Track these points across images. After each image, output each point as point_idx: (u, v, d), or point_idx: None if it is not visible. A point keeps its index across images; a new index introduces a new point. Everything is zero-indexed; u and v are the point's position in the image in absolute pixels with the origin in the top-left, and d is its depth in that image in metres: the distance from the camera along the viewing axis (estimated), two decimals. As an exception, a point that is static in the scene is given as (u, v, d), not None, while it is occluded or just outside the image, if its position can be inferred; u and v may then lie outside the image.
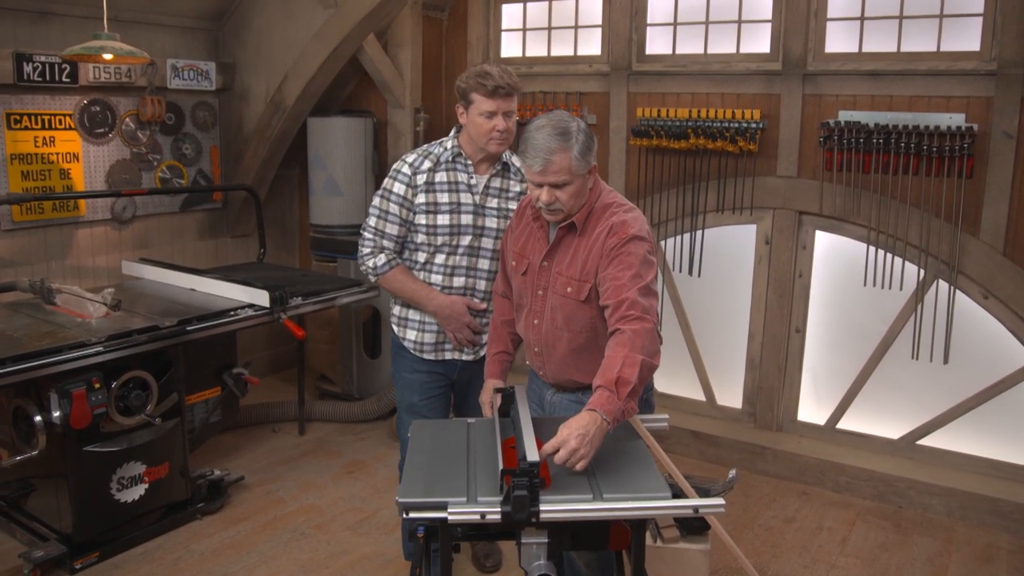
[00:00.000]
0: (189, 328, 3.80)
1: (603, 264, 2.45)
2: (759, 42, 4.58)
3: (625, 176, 4.99)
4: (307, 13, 5.06)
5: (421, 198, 2.98)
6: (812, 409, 4.71)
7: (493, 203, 3.03)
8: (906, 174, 4.16)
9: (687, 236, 4.83)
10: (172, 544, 3.77)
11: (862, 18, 4.29)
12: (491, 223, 3.03)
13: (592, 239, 2.49)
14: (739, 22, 4.63)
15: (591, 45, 5.14)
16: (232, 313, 4.01)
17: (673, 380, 5.09)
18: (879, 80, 4.20)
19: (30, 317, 3.86)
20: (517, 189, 3.07)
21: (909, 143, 4.09)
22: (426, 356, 3.14)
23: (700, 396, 5.02)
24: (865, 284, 4.38)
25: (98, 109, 4.85)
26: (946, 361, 4.22)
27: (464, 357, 3.16)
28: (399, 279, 3.05)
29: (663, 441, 4.49)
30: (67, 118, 4.71)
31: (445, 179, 2.99)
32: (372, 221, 3.05)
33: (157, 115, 5.03)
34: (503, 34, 5.46)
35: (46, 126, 4.62)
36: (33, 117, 4.56)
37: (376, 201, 3.05)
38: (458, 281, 3.05)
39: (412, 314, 3.12)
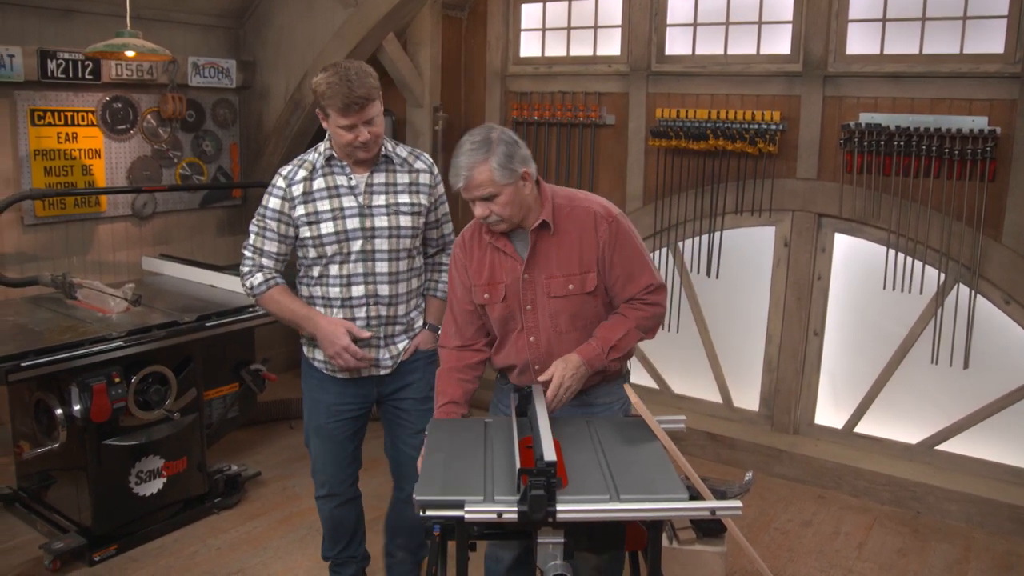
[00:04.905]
0: (208, 324, 3.83)
1: (606, 252, 2.50)
2: (779, 43, 4.56)
3: (643, 177, 4.98)
4: (327, 12, 5.09)
5: (300, 210, 2.77)
6: (830, 412, 4.69)
7: (380, 200, 2.82)
8: (927, 177, 4.13)
9: (705, 237, 4.82)
10: (189, 538, 3.80)
11: (884, 20, 4.26)
12: (381, 222, 2.80)
13: (576, 230, 2.50)
14: (759, 23, 4.61)
15: (610, 45, 5.13)
16: (250, 309, 4.03)
17: (690, 382, 5.08)
18: (900, 82, 4.17)
19: (52, 311, 3.90)
20: (405, 180, 2.86)
21: (931, 146, 4.06)
22: (340, 376, 2.92)
23: (717, 398, 5.00)
24: (884, 287, 4.35)
25: (120, 106, 4.89)
26: (966, 366, 4.19)
27: (382, 372, 2.93)
28: (276, 299, 2.86)
29: (679, 442, 4.48)
30: (89, 115, 4.75)
31: (323, 185, 2.78)
32: (251, 238, 2.85)
33: (178, 112, 5.07)
34: (522, 34, 5.47)
35: (69, 122, 4.67)
36: (56, 113, 4.60)
37: (255, 219, 2.85)
38: (357, 290, 2.83)
39: None
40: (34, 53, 4.36)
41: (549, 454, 2.00)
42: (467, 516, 1.96)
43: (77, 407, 3.37)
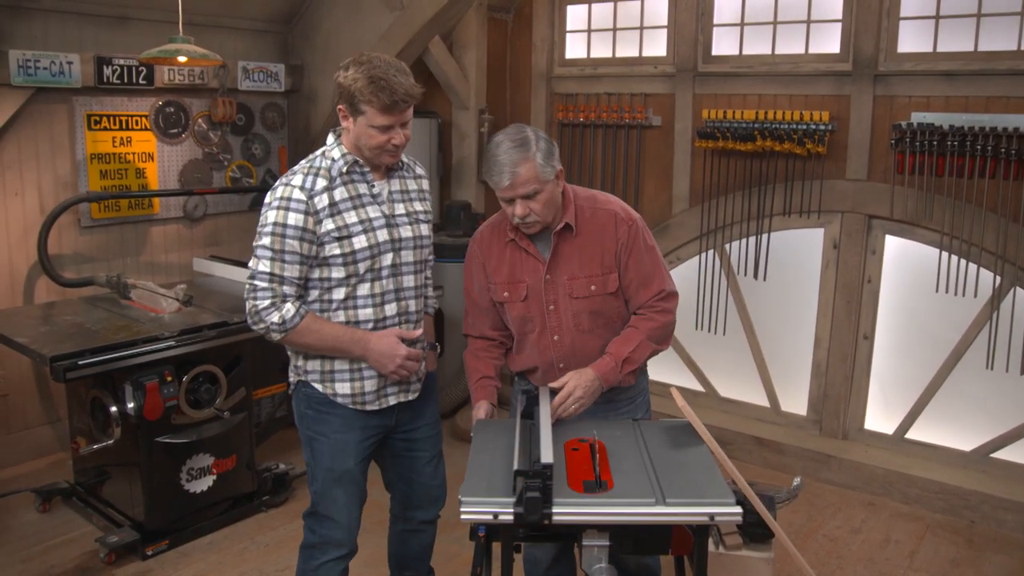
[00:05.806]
0: (257, 324, 3.89)
1: (622, 255, 2.52)
2: (829, 42, 4.49)
3: (690, 178, 4.94)
4: (374, 15, 5.14)
5: (329, 224, 2.43)
6: (880, 418, 4.60)
7: (401, 209, 2.59)
8: (982, 178, 4.03)
9: (752, 239, 4.76)
10: (238, 535, 3.87)
11: (937, 17, 4.17)
12: (406, 232, 2.58)
13: (597, 231, 2.52)
14: (808, 22, 4.54)
15: (656, 46, 5.10)
16: (298, 310, 4.09)
17: (737, 385, 5.02)
18: (954, 80, 4.08)
19: (107, 311, 4.00)
20: (414, 187, 2.66)
21: (986, 146, 3.96)
22: (369, 407, 2.62)
23: (764, 402, 4.94)
24: (937, 290, 4.25)
25: (172, 110, 4.99)
26: (1023, 372, 4.08)
27: (410, 397, 2.70)
28: (313, 329, 2.47)
29: (726, 447, 4.43)
30: (143, 119, 4.87)
31: (346, 195, 2.48)
32: (265, 265, 2.42)
33: (228, 116, 5.16)
34: (568, 35, 5.46)
35: (123, 127, 4.78)
36: (112, 118, 4.72)
37: (265, 240, 2.42)
38: (390, 309, 2.57)
39: (339, 364, 2.56)
40: (91, 60, 4.48)
41: (547, 456, 2.00)
42: (463, 517, 1.99)
43: (131, 405, 3.45)
